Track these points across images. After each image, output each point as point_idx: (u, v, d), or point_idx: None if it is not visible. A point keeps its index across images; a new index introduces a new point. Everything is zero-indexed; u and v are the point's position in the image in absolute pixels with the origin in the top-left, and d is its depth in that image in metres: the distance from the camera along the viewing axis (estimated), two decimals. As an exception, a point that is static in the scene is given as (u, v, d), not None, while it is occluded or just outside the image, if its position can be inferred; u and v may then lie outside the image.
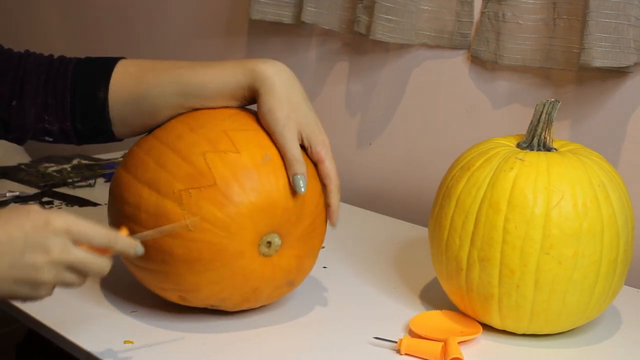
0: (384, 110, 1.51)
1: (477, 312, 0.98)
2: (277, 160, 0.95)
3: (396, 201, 1.51)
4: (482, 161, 0.97)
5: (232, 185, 0.91)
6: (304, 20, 1.46)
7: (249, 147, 0.94)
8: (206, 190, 0.91)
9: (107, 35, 2.06)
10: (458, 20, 1.36)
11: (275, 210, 0.93)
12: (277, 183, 0.93)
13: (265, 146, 0.95)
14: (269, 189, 0.93)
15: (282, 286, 0.99)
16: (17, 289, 0.79)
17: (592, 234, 0.92)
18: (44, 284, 0.79)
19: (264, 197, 0.92)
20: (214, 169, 0.92)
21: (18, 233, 0.77)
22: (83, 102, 1.03)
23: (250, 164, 0.93)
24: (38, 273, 0.78)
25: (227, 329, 0.99)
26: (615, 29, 1.14)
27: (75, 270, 0.80)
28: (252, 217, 0.92)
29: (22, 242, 0.77)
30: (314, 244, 1.00)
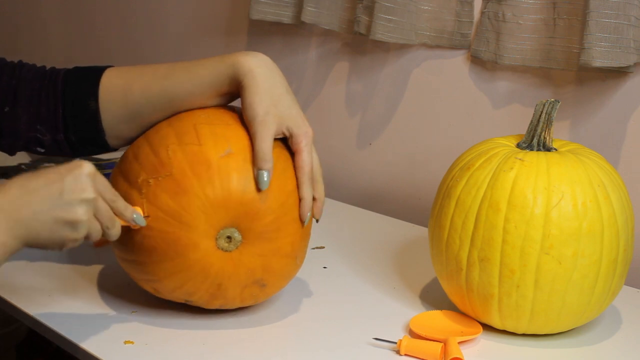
0: (384, 110, 1.51)
1: (477, 312, 0.98)
2: (242, 154, 0.95)
3: (396, 201, 1.51)
4: (482, 161, 0.97)
5: (188, 176, 0.93)
6: (304, 20, 1.46)
7: (213, 141, 0.95)
8: (163, 180, 0.94)
9: (107, 35, 2.06)
10: (458, 20, 1.36)
11: (231, 204, 0.93)
12: (235, 177, 0.94)
13: (232, 140, 0.96)
14: (225, 183, 0.93)
15: (250, 285, 0.98)
16: (57, 228, 0.84)
17: (592, 234, 0.92)
18: (80, 223, 0.84)
19: (218, 190, 0.93)
20: (173, 159, 0.94)
21: (55, 176, 0.83)
22: (75, 113, 1.04)
23: (210, 157, 0.94)
24: (76, 210, 0.84)
25: (227, 328, 0.99)
26: (615, 29, 1.14)
27: (98, 218, 0.87)
28: (205, 208, 0.93)
29: (59, 183, 0.83)
30: (282, 244, 0.97)
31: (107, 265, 1.15)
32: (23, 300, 1.03)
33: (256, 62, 0.98)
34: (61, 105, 1.05)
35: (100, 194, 0.87)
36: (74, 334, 0.95)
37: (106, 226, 0.89)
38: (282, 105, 0.97)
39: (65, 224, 0.84)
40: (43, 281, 1.10)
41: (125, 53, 2.02)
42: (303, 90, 1.63)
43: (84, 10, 2.11)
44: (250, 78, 0.97)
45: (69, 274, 1.12)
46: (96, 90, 1.04)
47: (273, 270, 0.98)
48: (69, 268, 1.14)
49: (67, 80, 1.06)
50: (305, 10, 1.45)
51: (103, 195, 0.88)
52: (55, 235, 0.85)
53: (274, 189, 0.95)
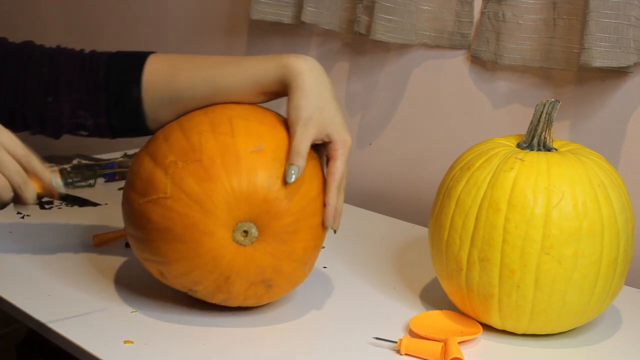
0: (384, 110, 1.51)
1: (477, 312, 0.98)
2: (272, 153, 0.95)
3: (396, 201, 1.51)
4: (482, 161, 0.97)
5: (216, 164, 0.93)
6: (304, 20, 1.46)
7: (246, 135, 0.96)
8: (192, 164, 0.94)
9: (107, 35, 2.06)
10: (458, 20, 1.36)
11: (254, 199, 0.93)
12: (263, 173, 0.94)
13: (265, 138, 0.96)
14: (252, 177, 0.93)
15: (257, 284, 0.98)
16: None
17: (592, 234, 0.92)
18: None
19: (244, 183, 0.93)
20: (205, 146, 0.95)
21: None
22: (117, 99, 1.06)
23: (241, 150, 0.94)
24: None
25: (228, 328, 0.99)
26: (615, 29, 1.14)
27: (5, 175, 0.86)
28: (228, 199, 0.93)
29: None
30: (296, 248, 0.97)
31: (107, 265, 1.15)
32: (23, 300, 1.03)
33: (307, 66, 0.99)
34: (103, 92, 1.06)
35: (7, 149, 0.85)
36: (74, 333, 0.95)
37: (17, 185, 0.87)
38: (327, 111, 0.98)
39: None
40: (43, 281, 1.10)
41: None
42: (303, 90, 1.63)
43: (83, 10, 2.11)
44: (300, 81, 0.98)
45: (69, 274, 1.12)
46: (139, 78, 1.05)
47: (282, 273, 0.98)
48: (69, 268, 1.14)
49: (110, 67, 1.07)
50: (305, 10, 1.45)
51: (12, 151, 0.86)
52: None
53: (298, 192, 0.95)
